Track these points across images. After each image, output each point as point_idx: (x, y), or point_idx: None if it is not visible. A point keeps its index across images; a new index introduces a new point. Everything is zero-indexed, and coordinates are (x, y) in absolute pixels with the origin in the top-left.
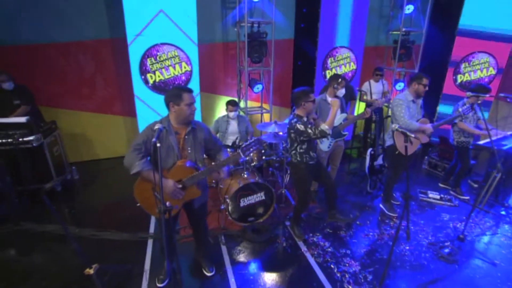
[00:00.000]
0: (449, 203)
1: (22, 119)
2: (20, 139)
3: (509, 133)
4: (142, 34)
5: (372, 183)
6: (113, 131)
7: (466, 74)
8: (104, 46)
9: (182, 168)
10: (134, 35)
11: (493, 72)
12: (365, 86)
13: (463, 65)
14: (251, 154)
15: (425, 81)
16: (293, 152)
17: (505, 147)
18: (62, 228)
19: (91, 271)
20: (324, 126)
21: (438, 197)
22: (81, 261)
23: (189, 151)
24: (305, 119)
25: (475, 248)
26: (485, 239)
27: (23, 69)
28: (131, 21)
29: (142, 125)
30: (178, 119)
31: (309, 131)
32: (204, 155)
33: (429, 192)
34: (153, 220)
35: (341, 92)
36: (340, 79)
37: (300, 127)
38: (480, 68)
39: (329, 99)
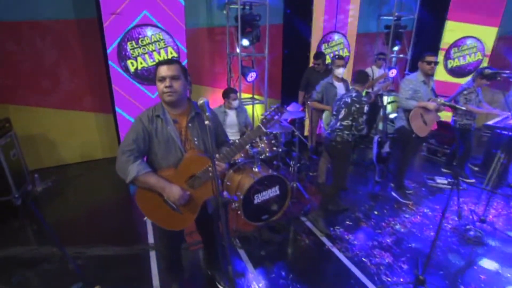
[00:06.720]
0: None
1: None
2: None
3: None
4: (120, 12)
5: (380, 172)
6: (83, 130)
7: (456, 60)
8: (68, 28)
9: (192, 160)
10: (110, 13)
11: (480, 57)
12: (368, 72)
13: (453, 50)
14: (262, 145)
15: (427, 58)
16: (343, 126)
17: None
18: (30, 249)
19: None
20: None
21: (445, 181)
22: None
23: (196, 142)
24: None
25: (496, 228)
26: (502, 218)
27: None
28: None
29: (121, 122)
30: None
31: (364, 117)
32: None
33: (436, 177)
34: (150, 228)
35: (340, 71)
36: (336, 59)
37: (364, 107)
38: (468, 53)
39: (336, 82)
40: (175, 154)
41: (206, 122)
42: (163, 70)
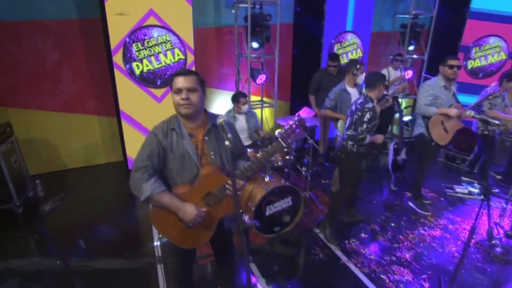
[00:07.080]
0: (480, 197)
1: None
2: None
3: None
4: (126, 13)
5: (396, 180)
6: (86, 134)
7: (477, 60)
8: (70, 28)
9: (209, 177)
10: (115, 13)
11: (504, 57)
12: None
13: (473, 50)
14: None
15: (449, 61)
16: (347, 136)
17: None
18: (33, 262)
19: None
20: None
21: (466, 191)
22: None
23: (212, 157)
24: (374, 104)
25: None
26: None
27: None
28: None
29: (125, 126)
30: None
31: (364, 126)
32: None
33: (455, 186)
34: (156, 239)
35: (361, 78)
36: (359, 65)
37: (365, 116)
38: (491, 53)
39: (349, 88)
40: (190, 170)
41: (227, 143)
42: (180, 82)
